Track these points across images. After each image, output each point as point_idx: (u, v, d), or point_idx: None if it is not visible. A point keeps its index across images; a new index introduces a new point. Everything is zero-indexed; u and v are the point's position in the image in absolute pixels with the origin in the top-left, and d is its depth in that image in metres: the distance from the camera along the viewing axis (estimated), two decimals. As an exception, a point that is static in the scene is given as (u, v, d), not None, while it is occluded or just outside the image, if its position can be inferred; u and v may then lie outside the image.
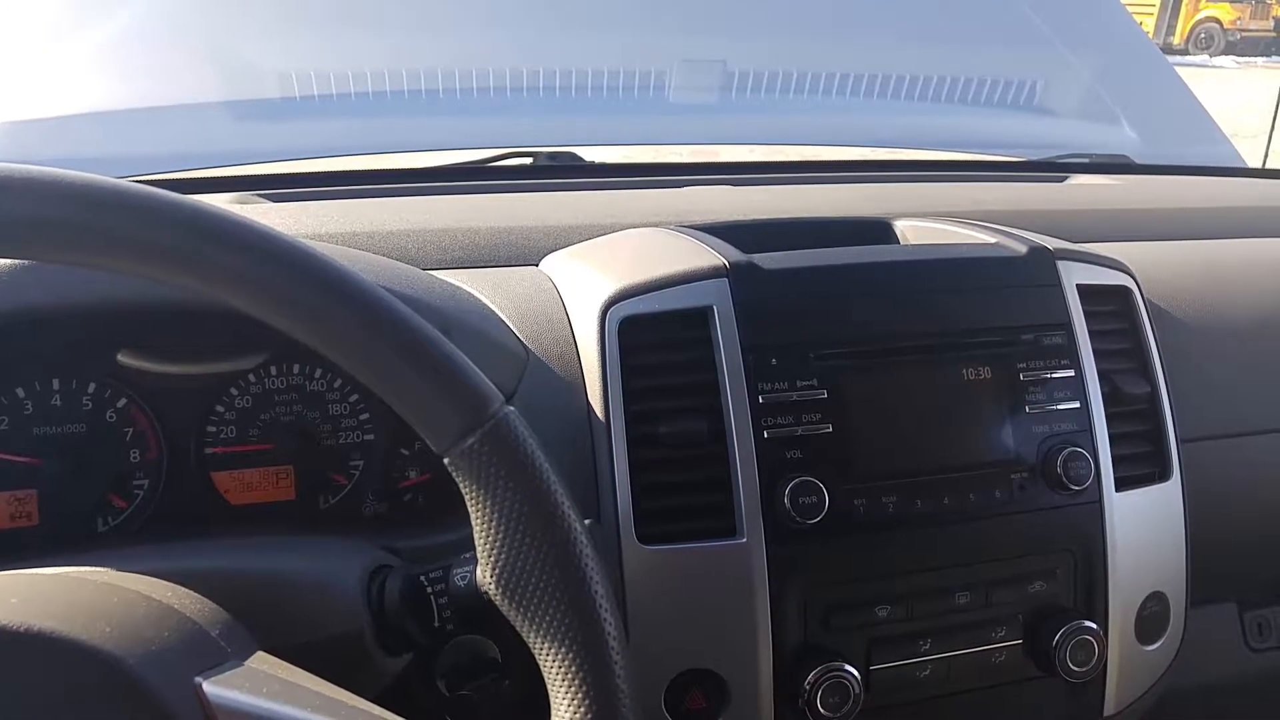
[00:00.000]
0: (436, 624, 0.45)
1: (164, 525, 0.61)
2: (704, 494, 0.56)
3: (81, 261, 0.33)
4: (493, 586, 0.36)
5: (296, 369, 0.65)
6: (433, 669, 0.54)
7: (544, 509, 0.35)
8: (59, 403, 0.60)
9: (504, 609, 0.36)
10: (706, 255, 0.61)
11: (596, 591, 0.35)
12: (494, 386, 0.37)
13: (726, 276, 0.59)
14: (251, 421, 0.63)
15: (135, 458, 0.61)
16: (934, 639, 0.58)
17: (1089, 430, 0.61)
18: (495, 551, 0.36)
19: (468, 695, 0.53)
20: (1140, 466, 0.64)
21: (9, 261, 0.51)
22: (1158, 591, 0.63)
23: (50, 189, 0.32)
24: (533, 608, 0.35)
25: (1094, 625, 0.59)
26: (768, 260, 0.60)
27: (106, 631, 0.33)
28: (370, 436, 0.65)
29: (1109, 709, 0.62)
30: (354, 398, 0.65)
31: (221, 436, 0.63)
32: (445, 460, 0.36)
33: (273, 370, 0.64)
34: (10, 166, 0.32)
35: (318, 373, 0.65)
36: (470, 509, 0.36)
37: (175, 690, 0.32)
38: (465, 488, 0.36)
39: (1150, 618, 0.63)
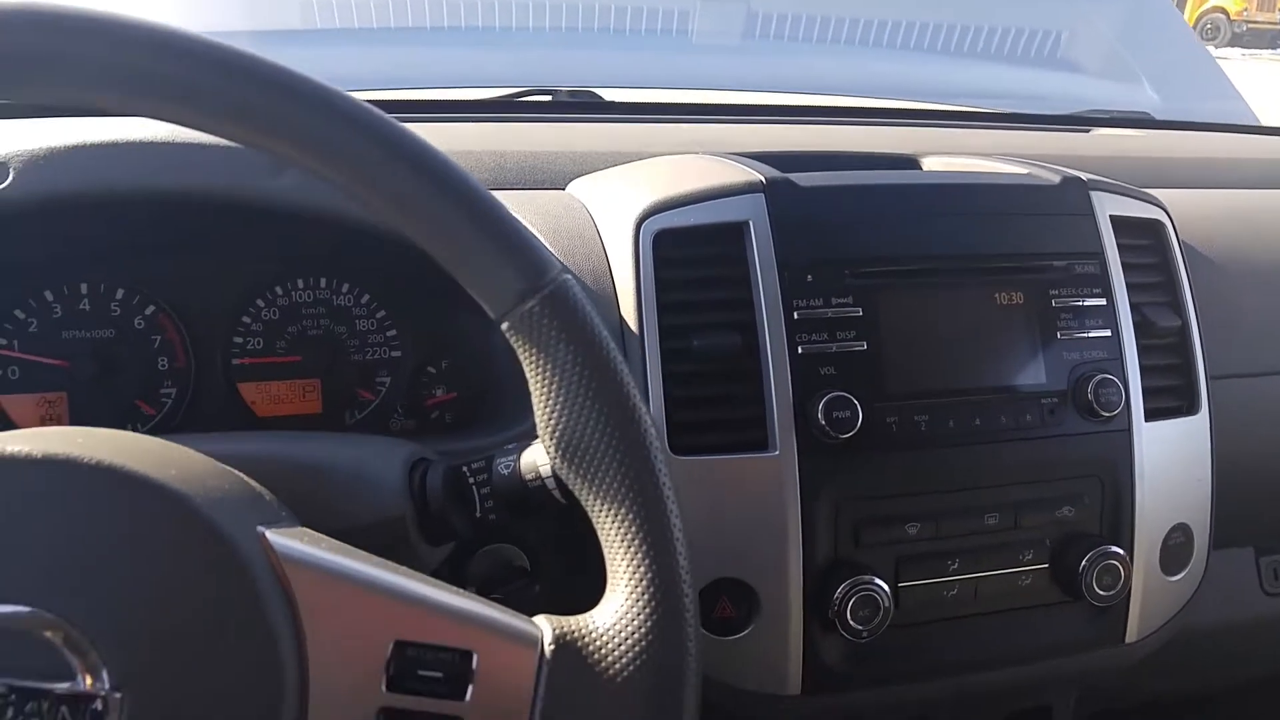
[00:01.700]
0: (478, 514, 0.44)
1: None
2: (737, 408, 0.56)
3: (147, 109, 0.33)
4: (552, 450, 0.36)
5: (323, 283, 0.64)
6: (464, 576, 0.54)
7: (604, 371, 0.35)
8: (87, 306, 0.59)
9: (563, 473, 0.36)
10: (742, 172, 0.60)
11: (655, 454, 0.35)
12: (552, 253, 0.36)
13: (763, 192, 0.58)
14: (279, 334, 0.63)
15: (163, 365, 0.61)
16: (962, 559, 0.58)
17: (1120, 359, 0.61)
18: (555, 415, 0.35)
19: (498, 599, 0.52)
20: (1169, 399, 0.64)
21: (42, 145, 0.50)
22: (1182, 523, 0.63)
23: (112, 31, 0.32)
24: (593, 470, 0.35)
25: (1120, 550, 0.59)
26: (804, 178, 0.60)
27: (172, 474, 0.33)
28: (397, 353, 0.65)
29: (1131, 636, 0.62)
30: (381, 314, 0.65)
31: (249, 348, 0.63)
32: (504, 325, 0.36)
33: (299, 283, 0.64)
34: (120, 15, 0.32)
35: (345, 287, 0.64)
36: (529, 374, 0.36)
37: (241, 534, 0.32)
38: (524, 352, 0.35)
39: (1174, 548, 0.63)
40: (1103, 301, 0.62)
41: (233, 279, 0.62)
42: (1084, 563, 0.58)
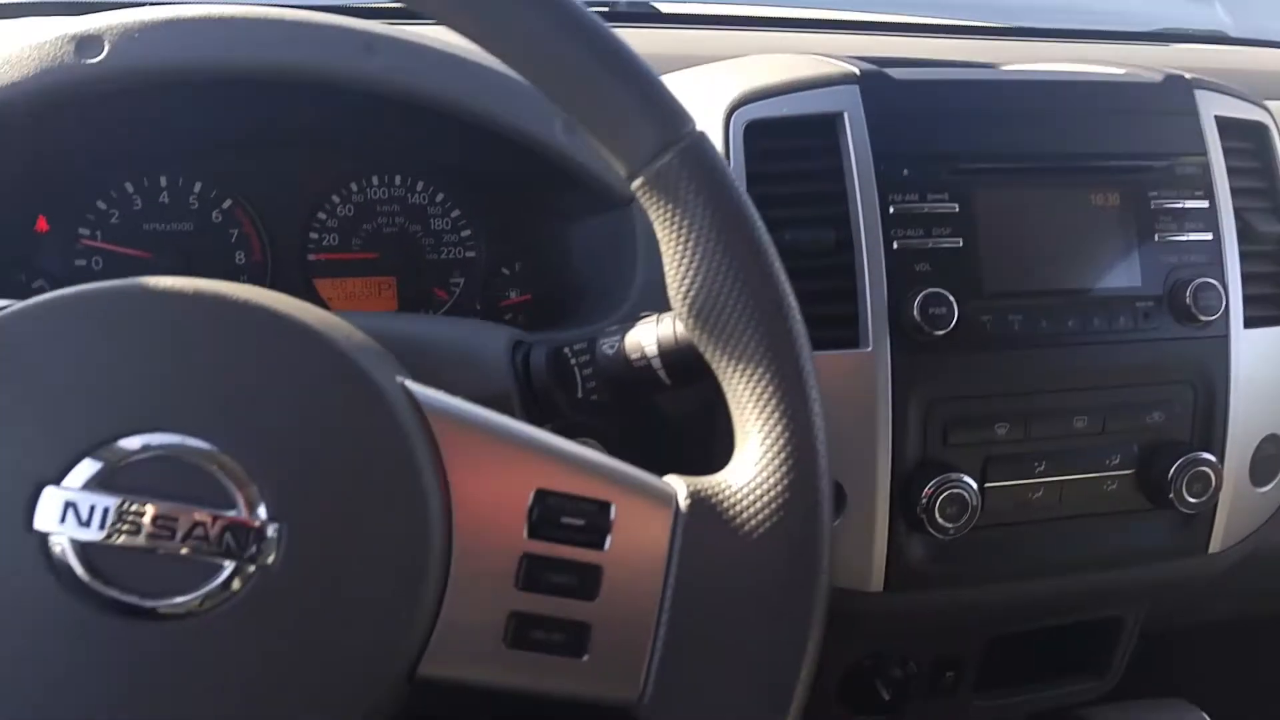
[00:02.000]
0: (580, 394, 0.44)
1: None
2: (828, 304, 0.55)
3: None
4: (684, 310, 0.35)
5: (398, 180, 0.63)
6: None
7: (741, 228, 0.34)
8: (166, 199, 0.59)
9: (695, 334, 0.35)
10: (834, 65, 0.58)
11: (792, 312, 0.34)
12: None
13: (858, 84, 0.56)
14: (354, 230, 0.62)
15: (240, 259, 0.61)
16: (1048, 461, 0.57)
17: (1220, 263, 0.59)
18: (689, 274, 0.34)
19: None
20: (1269, 308, 0.62)
21: (137, 19, 0.49)
22: (1274, 434, 0.62)
23: None
24: (727, 329, 0.34)
25: (1211, 458, 0.58)
26: (899, 72, 0.58)
27: (316, 317, 0.32)
28: (472, 254, 0.64)
29: (1215, 546, 0.62)
30: (455, 213, 0.64)
31: (324, 244, 0.62)
32: (636, 182, 0.34)
33: (374, 180, 0.63)
34: None
35: (419, 185, 0.63)
36: (660, 233, 0.35)
37: (386, 380, 0.32)
38: (657, 209, 0.34)
39: (1265, 460, 0.62)
40: (1205, 204, 0.60)
41: (308, 174, 0.61)
42: (1174, 469, 0.58)
